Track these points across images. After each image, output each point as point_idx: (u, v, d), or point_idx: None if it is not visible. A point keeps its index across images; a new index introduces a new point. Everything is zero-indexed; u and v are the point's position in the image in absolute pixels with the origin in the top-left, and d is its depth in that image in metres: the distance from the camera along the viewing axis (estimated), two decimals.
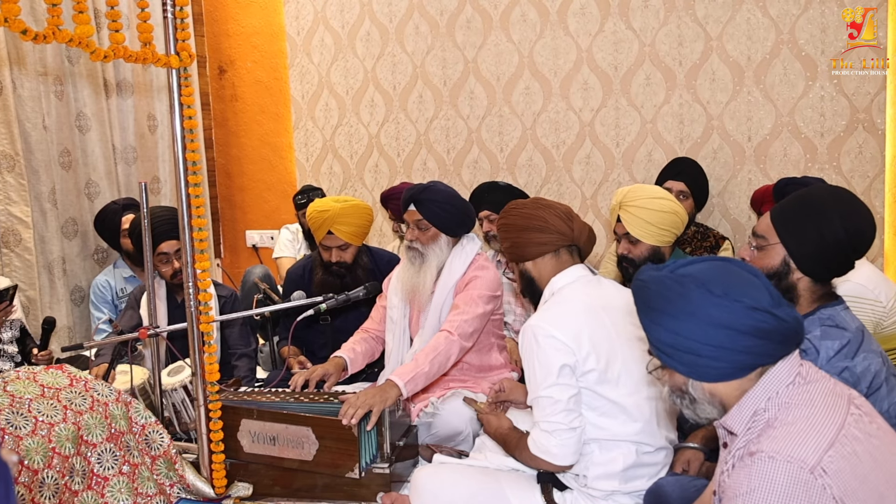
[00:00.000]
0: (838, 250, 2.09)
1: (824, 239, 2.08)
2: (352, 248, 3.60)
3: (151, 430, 2.78)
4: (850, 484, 1.38)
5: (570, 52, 4.70)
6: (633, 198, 3.14)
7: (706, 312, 1.50)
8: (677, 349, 1.55)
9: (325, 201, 3.60)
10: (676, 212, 3.13)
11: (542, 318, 2.31)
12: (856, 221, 2.10)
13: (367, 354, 3.38)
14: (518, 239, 2.48)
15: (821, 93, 4.28)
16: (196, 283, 2.70)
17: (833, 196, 2.18)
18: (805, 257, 2.11)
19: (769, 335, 1.50)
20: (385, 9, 5.06)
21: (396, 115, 5.15)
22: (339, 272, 3.60)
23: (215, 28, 5.51)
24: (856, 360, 2.03)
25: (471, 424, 2.99)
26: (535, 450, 2.30)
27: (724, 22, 4.39)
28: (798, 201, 2.19)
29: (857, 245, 2.11)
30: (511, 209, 2.56)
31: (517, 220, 2.50)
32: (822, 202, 2.14)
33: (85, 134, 4.50)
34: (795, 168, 4.37)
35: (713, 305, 1.50)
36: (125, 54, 2.35)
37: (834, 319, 2.10)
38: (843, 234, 2.07)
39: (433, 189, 3.20)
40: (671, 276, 1.57)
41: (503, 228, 2.56)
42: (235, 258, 5.77)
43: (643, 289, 1.62)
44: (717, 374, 1.55)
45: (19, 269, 4.04)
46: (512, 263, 2.62)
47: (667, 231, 3.12)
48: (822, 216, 2.10)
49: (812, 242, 2.09)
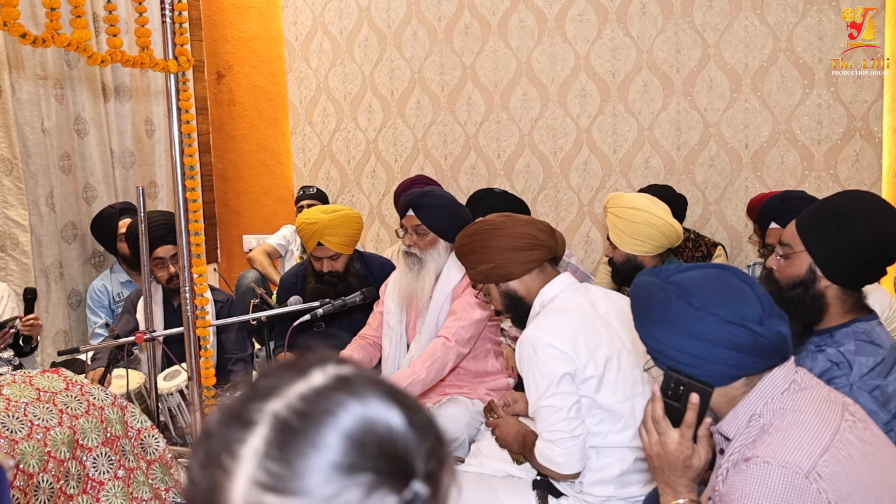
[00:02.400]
0: (866, 255, 2.02)
1: (850, 243, 2.01)
2: (343, 258, 3.59)
3: (147, 434, 2.77)
4: (846, 488, 1.38)
5: (567, 59, 4.71)
6: (614, 204, 3.18)
7: (682, 323, 1.53)
8: (661, 354, 1.58)
9: (313, 212, 3.57)
10: (653, 224, 3.07)
11: (538, 328, 2.29)
12: (882, 224, 2.03)
13: (366, 361, 3.37)
14: (503, 259, 2.38)
15: (818, 100, 4.29)
16: (193, 287, 2.70)
17: (859, 200, 2.13)
18: (831, 264, 2.05)
19: (743, 349, 1.50)
20: (383, 15, 5.07)
21: (394, 121, 5.16)
22: (331, 281, 3.59)
23: (213, 33, 5.52)
24: (889, 379, 1.98)
25: (466, 430, 2.98)
26: (540, 459, 2.30)
27: (722, 29, 4.41)
28: (823, 207, 2.14)
29: (886, 248, 2.04)
30: (486, 230, 2.43)
31: (501, 241, 2.39)
32: (846, 206, 2.08)
33: (83, 138, 4.50)
34: (792, 176, 4.38)
35: (688, 317, 1.52)
36: (123, 58, 2.36)
37: (869, 335, 2.03)
38: (870, 237, 2.01)
39: (431, 194, 3.21)
40: (659, 283, 1.59)
41: (480, 251, 2.41)
42: (232, 263, 5.77)
43: (635, 293, 1.66)
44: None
45: (16, 272, 4.03)
46: (487, 286, 2.47)
47: (642, 242, 3.09)
48: (846, 220, 2.04)
49: (837, 248, 2.03)
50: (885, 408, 1.93)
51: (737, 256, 4.52)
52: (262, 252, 4.91)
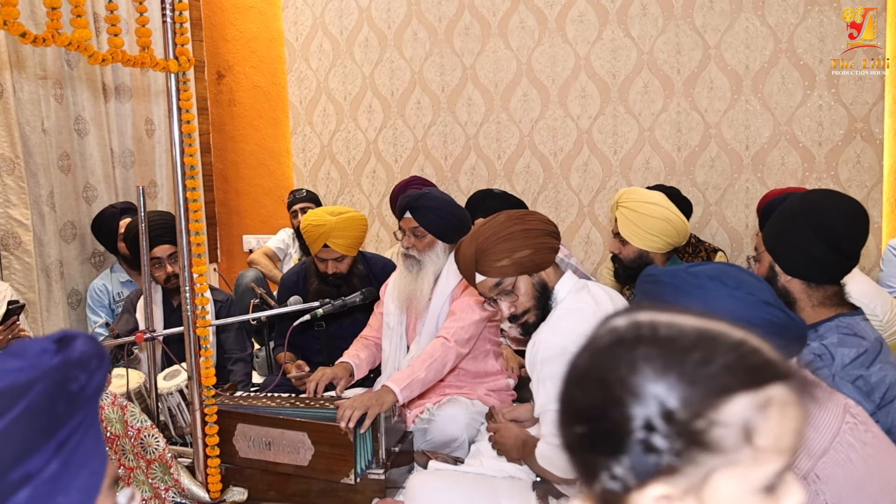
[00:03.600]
0: (813, 249, 2.14)
1: (798, 244, 2.16)
2: (347, 259, 3.58)
3: (147, 433, 2.77)
4: (844, 490, 1.38)
5: (568, 60, 4.71)
6: (628, 199, 3.16)
7: (723, 304, 1.49)
8: None
9: (320, 214, 3.54)
10: (669, 220, 3.11)
11: (554, 331, 2.26)
12: (820, 220, 2.15)
13: (370, 361, 3.37)
14: (539, 244, 2.31)
15: (819, 102, 4.29)
16: (193, 287, 2.70)
17: (811, 199, 2.25)
18: (786, 258, 2.18)
19: (781, 332, 1.50)
20: (384, 15, 5.07)
21: (394, 122, 5.16)
22: (335, 283, 3.59)
23: (214, 33, 5.52)
24: (871, 370, 2.01)
25: (466, 431, 2.98)
26: (542, 461, 2.29)
27: (723, 30, 4.40)
28: (781, 209, 2.28)
29: (831, 241, 2.13)
30: (516, 217, 2.34)
31: (535, 225, 2.32)
32: (795, 204, 2.22)
33: (83, 137, 4.50)
34: (793, 177, 4.38)
35: (730, 297, 1.50)
36: (123, 58, 2.35)
37: (853, 328, 2.09)
38: (813, 235, 2.14)
39: (428, 196, 3.20)
40: (683, 271, 1.57)
41: (518, 236, 2.30)
42: (232, 263, 5.77)
43: (655, 284, 1.60)
44: None
45: (19, 271, 4.03)
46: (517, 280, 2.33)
47: (656, 237, 3.11)
48: (791, 218, 2.19)
49: (788, 243, 2.18)
50: (868, 398, 1.95)
51: (737, 258, 4.52)
52: (263, 254, 4.91)
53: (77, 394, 0.85)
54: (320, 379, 3.08)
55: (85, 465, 0.86)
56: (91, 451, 0.87)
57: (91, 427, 0.88)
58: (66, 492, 0.84)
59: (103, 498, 0.89)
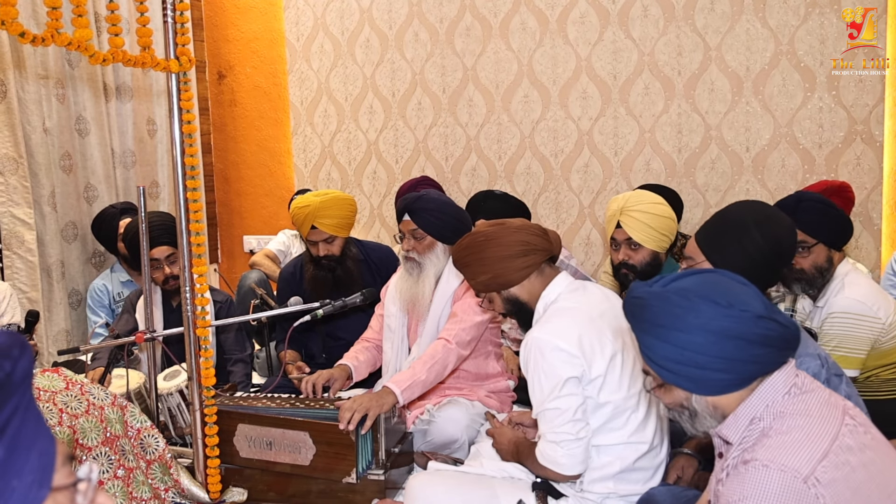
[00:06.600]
0: (763, 261, 2.23)
1: (747, 251, 2.23)
2: (338, 241, 3.63)
3: (147, 434, 2.77)
4: (844, 494, 1.38)
5: (569, 61, 4.72)
6: (636, 203, 3.14)
7: (717, 324, 1.49)
8: (684, 364, 1.53)
9: (305, 197, 3.63)
10: (672, 217, 3.18)
11: (544, 330, 2.29)
12: (774, 231, 2.25)
13: (370, 363, 3.38)
14: (500, 269, 2.39)
15: (819, 104, 4.29)
16: (193, 287, 2.70)
17: (750, 210, 2.35)
18: (731, 271, 2.20)
19: (775, 342, 1.50)
20: (385, 16, 5.08)
21: (395, 122, 5.16)
22: (329, 265, 3.61)
23: (215, 33, 5.52)
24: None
25: (466, 432, 2.99)
26: (542, 460, 2.30)
27: (724, 32, 4.41)
28: (719, 219, 2.36)
29: (778, 251, 2.25)
30: (480, 242, 2.42)
31: (495, 251, 2.38)
32: (740, 217, 2.30)
33: (84, 137, 4.51)
34: (793, 179, 4.38)
35: (723, 317, 1.49)
36: (124, 58, 2.35)
37: None
38: (764, 244, 2.22)
39: (426, 198, 3.20)
40: (670, 290, 1.55)
41: (476, 263, 2.42)
42: (233, 263, 5.77)
43: (641, 305, 1.59)
44: (723, 386, 1.54)
45: (21, 270, 4.03)
46: (489, 294, 2.48)
47: (665, 237, 3.14)
48: (742, 230, 2.25)
49: (736, 256, 2.23)
50: None
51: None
52: (264, 255, 4.92)
53: (4, 382, 0.87)
54: (316, 380, 3.08)
55: (32, 448, 0.89)
56: (34, 433, 0.90)
57: (28, 411, 0.91)
58: (20, 475, 0.87)
59: (61, 476, 0.91)
